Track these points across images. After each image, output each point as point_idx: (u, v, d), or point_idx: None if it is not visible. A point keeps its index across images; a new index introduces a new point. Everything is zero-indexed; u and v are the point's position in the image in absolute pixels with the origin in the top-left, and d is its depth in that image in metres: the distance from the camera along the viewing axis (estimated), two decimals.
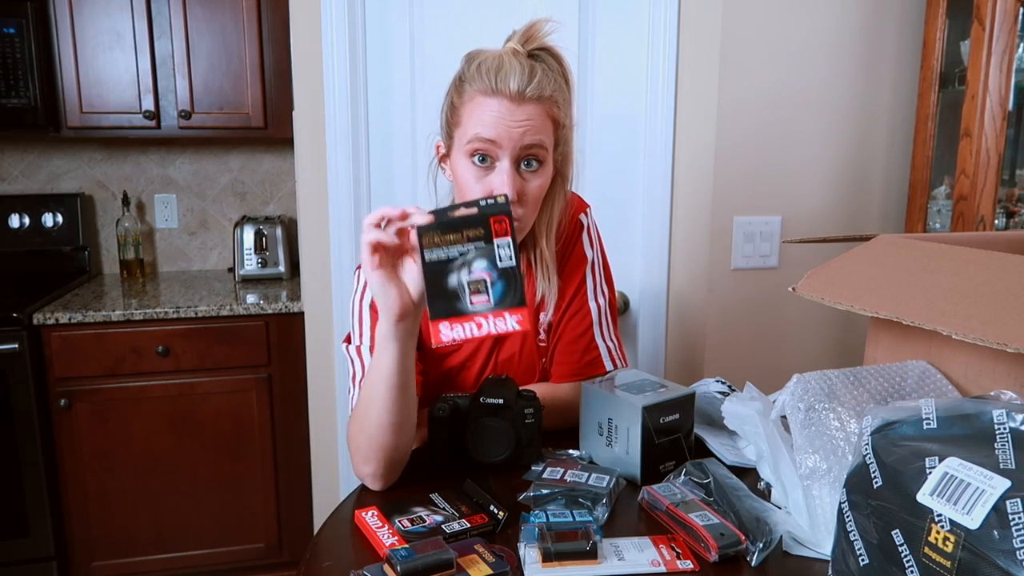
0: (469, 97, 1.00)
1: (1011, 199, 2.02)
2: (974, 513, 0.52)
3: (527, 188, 1.02)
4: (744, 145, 1.91)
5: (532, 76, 0.98)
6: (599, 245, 1.23)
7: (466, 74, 1.01)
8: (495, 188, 0.99)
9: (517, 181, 1.00)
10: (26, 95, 2.09)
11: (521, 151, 0.99)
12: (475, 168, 1.01)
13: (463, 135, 1.01)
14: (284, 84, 2.18)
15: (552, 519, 0.82)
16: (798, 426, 0.81)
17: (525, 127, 0.98)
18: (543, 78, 0.99)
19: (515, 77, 0.97)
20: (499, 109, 0.98)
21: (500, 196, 0.81)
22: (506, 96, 0.97)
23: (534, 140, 0.99)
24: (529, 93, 0.98)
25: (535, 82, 0.98)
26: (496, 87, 0.97)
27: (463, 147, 1.01)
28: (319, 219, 1.90)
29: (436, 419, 0.99)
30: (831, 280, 0.90)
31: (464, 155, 1.01)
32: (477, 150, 0.99)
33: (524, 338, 1.17)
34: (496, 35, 1.09)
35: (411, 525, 0.83)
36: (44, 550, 2.02)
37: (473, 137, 0.99)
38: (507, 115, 0.98)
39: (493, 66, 0.98)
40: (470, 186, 1.01)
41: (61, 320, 1.95)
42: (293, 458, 2.16)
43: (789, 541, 0.80)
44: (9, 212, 2.40)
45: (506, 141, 0.98)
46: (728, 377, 1.21)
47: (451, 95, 1.04)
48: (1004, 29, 1.70)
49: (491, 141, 0.98)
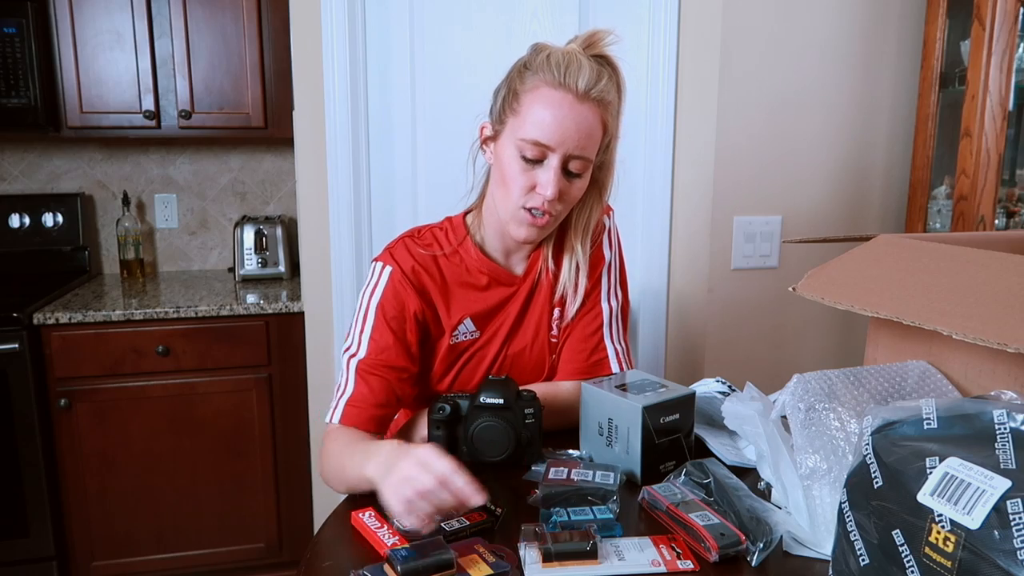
0: (533, 86, 1.00)
1: (1011, 199, 2.02)
2: (975, 513, 0.52)
3: (569, 190, 1.03)
4: (744, 145, 1.91)
5: (599, 78, 0.99)
6: (618, 248, 1.22)
7: (533, 63, 1.01)
8: (540, 185, 1.01)
9: (562, 182, 1.01)
10: (26, 95, 2.09)
11: (568, 157, 1.00)
12: (523, 162, 1.01)
13: (519, 125, 1.01)
14: (284, 84, 2.18)
15: (573, 516, 0.82)
16: (798, 426, 0.81)
17: (581, 129, 0.99)
18: (608, 83, 1.00)
19: (584, 75, 0.98)
20: (562, 103, 0.98)
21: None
22: (572, 92, 0.98)
23: (583, 152, 1.01)
24: (594, 94, 0.99)
25: (601, 84, 0.99)
26: (564, 81, 0.98)
27: (515, 138, 1.01)
28: (319, 219, 1.90)
29: (436, 419, 0.99)
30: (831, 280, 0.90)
31: (514, 146, 1.01)
32: (531, 150, 1.00)
33: (536, 332, 1.16)
34: (496, 35, 1.09)
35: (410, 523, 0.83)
36: (44, 550, 2.02)
37: (530, 138, 0.99)
38: (568, 110, 0.98)
39: (563, 60, 0.99)
40: (514, 176, 1.02)
41: (61, 320, 1.95)
42: (293, 458, 2.16)
43: (789, 541, 0.80)
44: (9, 212, 2.40)
45: (560, 145, 0.99)
46: (728, 377, 1.21)
47: (512, 80, 1.04)
48: (1004, 29, 1.70)
49: (547, 146, 0.99)
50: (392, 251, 1.11)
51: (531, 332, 1.16)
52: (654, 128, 1.93)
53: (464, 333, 1.13)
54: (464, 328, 1.13)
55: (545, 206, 1.02)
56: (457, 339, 1.13)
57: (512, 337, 1.16)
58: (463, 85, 1.90)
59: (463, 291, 1.12)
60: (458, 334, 1.13)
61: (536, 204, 1.02)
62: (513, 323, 1.15)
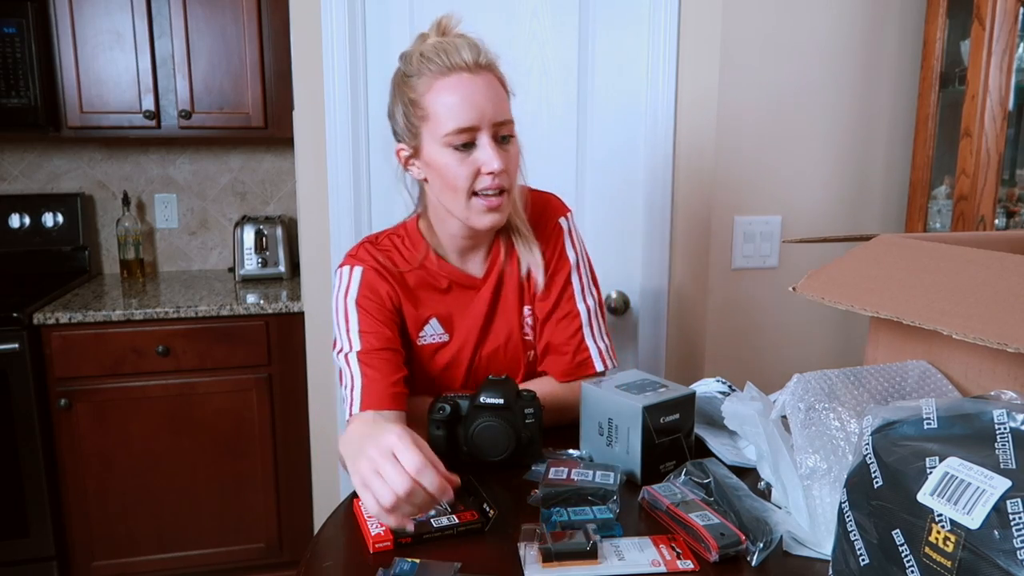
0: (427, 86, 1.01)
1: (1011, 199, 2.02)
2: (974, 513, 0.52)
3: (508, 156, 1.04)
4: (744, 145, 1.91)
5: (477, 46, 1.01)
6: (582, 247, 1.22)
7: (411, 69, 1.03)
8: (483, 164, 1.01)
9: (501, 153, 1.02)
10: (26, 95, 2.09)
11: (495, 127, 1.02)
12: (458, 153, 1.02)
13: (435, 126, 1.02)
14: (284, 84, 2.18)
15: (573, 516, 0.82)
16: (798, 426, 0.81)
17: (491, 99, 1.01)
18: (487, 52, 1.02)
19: (464, 50, 1.00)
20: (460, 83, 1.00)
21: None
22: (464, 68, 1.00)
23: (504, 116, 1.03)
24: (482, 60, 1.01)
25: (481, 49, 1.01)
26: (451, 64, 1.00)
27: (439, 139, 1.02)
28: (319, 219, 1.90)
29: (436, 419, 0.99)
30: (831, 280, 0.90)
31: (441, 146, 1.02)
32: (458, 139, 1.01)
33: (509, 332, 1.17)
34: (496, 35, 1.10)
35: None
36: (44, 550, 2.02)
37: (452, 130, 1.00)
38: (470, 85, 1.00)
39: (438, 48, 1.01)
40: (455, 172, 1.02)
41: (61, 320, 1.95)
42: (293, 458, 2.16)
43: (789, 541, 0.80)
44: (9, 212, 2.40)
45: (481, 120, 1.00)
46: (728, 377, 1.21)
47: (402, 95, 1.05)
48: (1004, 29, 1.70)
49: (471, 128, 1.00)
50: (355, 255, 1.13)
51: (503, 333, 1.17)
52: (654, 128, 1.93)
53: (432, 335, 1.14)
54: (431, 329, 1.14)
55: (496, 182, 1.02)
56: (424, 340, 1.13)
57: (484, 339, 1.16)
58: None
59: (426, 293, 1.13)
60: (424, 335, 1.13)
61: (486, 184, 1.02)
62: (483, 325, 1.16)
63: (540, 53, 1.89)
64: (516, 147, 1.06)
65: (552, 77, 1.90)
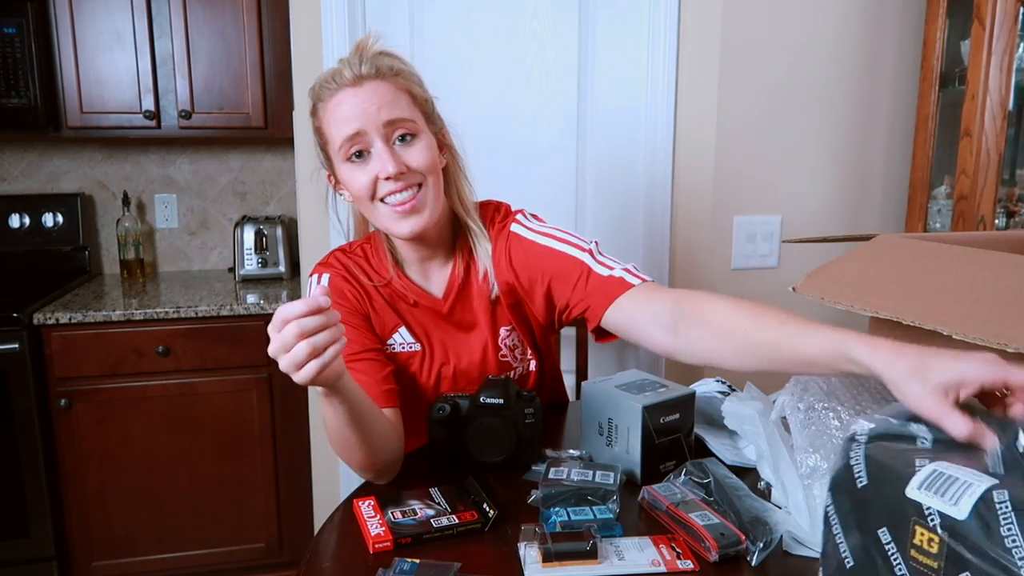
0: (322, 112, 1.05)
1: (1011, 199, 2.02)
2: (961, 504, 0.53)
3: (409, 159, 1.03)
4: (744, 145, 1.91)
5: (362, 60, 1.01)
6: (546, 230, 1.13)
7: (314, 101, 1.06)
8: (379, 171, 1.01)
9: (396, 156, 1.02)
10: (26, 95, 2.09)
11: (387, 128, 1.02)
12: (355, 164, 1.03)
13: (334, 147, 1.04)
14: (284, 84, 2.18)
15: (573, 516, 0.83)
16: (798, 426, 0.81)
17: (376, 103, 1.01)
18: (376, 60, 1.02)
19: (347, 68, 1.01)
20: (344, 99, 1.01)
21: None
22: (346, 84, 1.01)
23: (394, 115, 1.02)
24: (365, 71, 1.01)
25: (367, 62, 1.01)
26: (336, 84, 1.02)
27: (340, 157, 1.04)
28: (319, 219, 1.90)
29: (436, 420, 0.99)
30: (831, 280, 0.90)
31: (344, 162, 1.04)
32: (350, 149, 1.02)
33: (484, 352, 1.15)
34: (496, 35, 1.10)
35: (402, 517, 0.84)
36: (44, 550, 2.02)
37: (341, 141, 1.02)
38: (353, 98, 1.01)
39: (326, 77, 1.04)
40: (358, 182, 1.04)
41: (61, 320, 1.95)
42: (293, 458, 2.16)
43: (789, 541, 0.80)
44: (9, 212, 2.40)
45: (366, 124, 1.00)
46: (728, 377, 1.21)
47: (312, 126, 1.09)
48: (1004, 29, 1.70)
49: (355, 134, 1.01)
50: (325, 262, 1.14)
51: (478, 351, 1.15)
52: (654, 128, 1.93)
53: (402, 344, 1.13)
54: (400, 338, 1.13)
55: (397, 184, 1.01)
56: (394, 348, 1.13)
57: (459, 353, 1.15)
58: (463, 85, 1.89)
59: (394, 302, 1.13)
60: (394, 343, 1.13)
61: (388, 189, 1.02)
62: (455, 340, 1.15)
63: (540, 53, 1.89)
64: (426, 143, 1.05)
65: (552, 77, 1.90)
